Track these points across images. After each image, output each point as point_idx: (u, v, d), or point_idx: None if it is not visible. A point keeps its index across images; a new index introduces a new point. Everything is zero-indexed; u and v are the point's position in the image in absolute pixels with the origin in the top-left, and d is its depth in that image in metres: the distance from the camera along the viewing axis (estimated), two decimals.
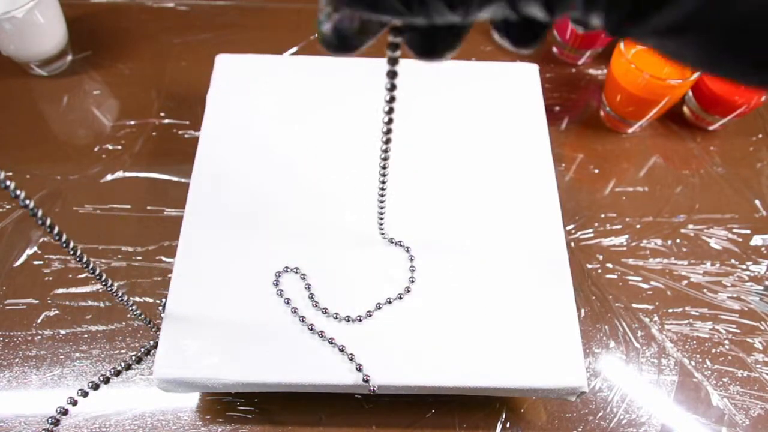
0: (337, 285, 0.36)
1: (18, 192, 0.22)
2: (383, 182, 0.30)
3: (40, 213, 0.24)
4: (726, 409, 0.40)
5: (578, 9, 0.14)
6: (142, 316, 0.36)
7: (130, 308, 0.34)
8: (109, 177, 0.48)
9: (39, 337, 0.40)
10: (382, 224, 0.35)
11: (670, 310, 0.43)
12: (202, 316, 0.35)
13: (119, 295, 0.33)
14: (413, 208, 0.39)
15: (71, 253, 0.27)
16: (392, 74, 0.22)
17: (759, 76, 0.13)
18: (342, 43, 0.18)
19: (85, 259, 0.28)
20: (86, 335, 0.41)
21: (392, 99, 0.24)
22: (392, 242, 0.38)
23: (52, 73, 0.54)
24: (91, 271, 0.29)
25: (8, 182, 0.22)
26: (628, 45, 0.48)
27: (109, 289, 0.31)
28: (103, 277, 0.31)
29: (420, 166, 0.41)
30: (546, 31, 0.17)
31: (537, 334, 0.35)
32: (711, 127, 0.53)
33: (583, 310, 0.43)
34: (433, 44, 0.18)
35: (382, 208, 0.33)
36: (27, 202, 0.23)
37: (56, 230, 0.25)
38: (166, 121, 0.51)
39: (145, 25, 0.58)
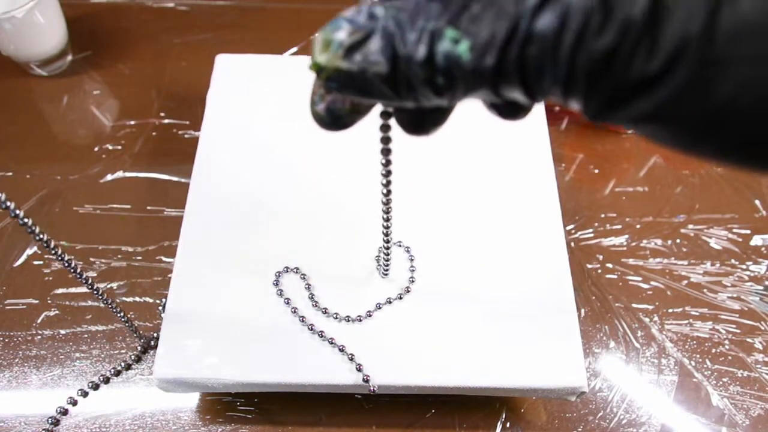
0: (337, 285, 0.36)
1: (8, 203, 0.22)
2: (387, 227, 0.30)
3: (29, 222, 0.24)
4: (726, 409, 0.40)
5: (558, 96, 0.14)
6: (129, 323, 0.36)
7: (119, 315, 0.34)
8: (109, 177, 0.48)
9: (39, 337, 0.40)
10: (387, 267, 0.35)
11: (670, 310, 0.43)
12: (202, 316, 0.35)
13: (109, 301, 0.33)
14: (413, 208, 0.39)
15: (61, 259, 0.27)
16: (386, 152, 0.24)
17: (732, 159, 0.13)
18: (335, 122, 0.19)
19: (73, 264, 0.28)
20: (86, 335, 0.41)
21: (389, 173, 0.25)
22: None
23: (52, 73, 0.54)
24: (79, 276, 0.29)
25: None
26: None
27: (99, 296, 0.31)
28: (95, 287, 0.31)
29: (420, 166, 0.41)
30: (532, 107, 0.18)
31: (537, 334, 0.35)
32: None
33: (583, 310, 0.43)
34: (420, 123, 0.19)
35: (387, 251, 0.33)
36: (18, 212, 0.23)
37: (45, 238, 0.25)
38: (166, 121, 0.51)
39: (145, 25, 0.58)
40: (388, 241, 0.32)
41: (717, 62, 0.12)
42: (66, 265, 0.27)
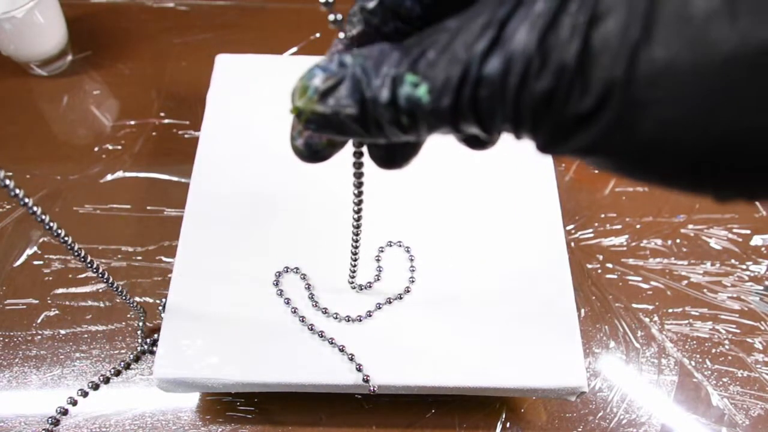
0: (337, 285, 0.36)
1: (17, 191, 0.23)
2: (356, 235, 0.31)
3: (39, 210, 0.24)
4: (726, 409, 0.40)
5: (509, 131, 0.16)
6: (143, 311, 0.36)
7: (131, 304, 0.34)
8: (109, 177, 0.48)
9: (39, 337, 0.40)
10: (353, 275, 0.35)
11: (670, 310, 0.43)
12: (202, 315, 0.35)
13: (120, 290, 0.33)
14: (413, 208, 0.39)
15: (70, 248, 0.27)
16: (359, 184, 0.26)
17: (672, 187, 0.15)
18: (313, 156, 0.22)
19: (83, 253, 0.28)
20: (86, 335, 0.41)
21: (360, 202, 0.28)
22: (392, 243, 0.38)
23: (52, 73, 0.54)
24: (89, 265, 0.29)
25: (7, 181, 0.22)
26: None
27: (110, 285, 0.32)
28: (106, 275, 0.31)
29: (419, 165, 0.41)
30: (495, 140, 0.20)
31: (537, 334, 0.35)
32: None
33: (583, 310, 0.43)
34: (392, 157, 0.22)
35: (355, 259, 0.33)
36: (26, 200, 0.23)
37: (54, 226, 0.25)
38: (166, 121, 0.51)
39: (145, 25, 0.58)
40: (356, 260, 0.33)
41: (638, 104, 0.13)
42: (76, 254, 0.27)
